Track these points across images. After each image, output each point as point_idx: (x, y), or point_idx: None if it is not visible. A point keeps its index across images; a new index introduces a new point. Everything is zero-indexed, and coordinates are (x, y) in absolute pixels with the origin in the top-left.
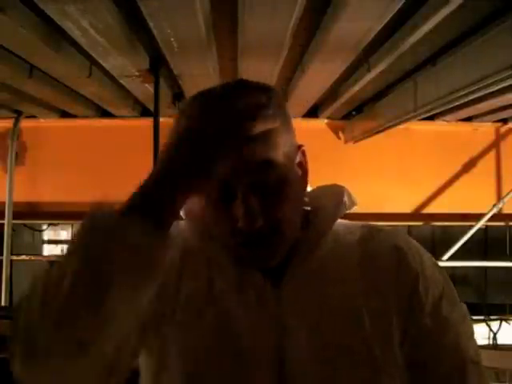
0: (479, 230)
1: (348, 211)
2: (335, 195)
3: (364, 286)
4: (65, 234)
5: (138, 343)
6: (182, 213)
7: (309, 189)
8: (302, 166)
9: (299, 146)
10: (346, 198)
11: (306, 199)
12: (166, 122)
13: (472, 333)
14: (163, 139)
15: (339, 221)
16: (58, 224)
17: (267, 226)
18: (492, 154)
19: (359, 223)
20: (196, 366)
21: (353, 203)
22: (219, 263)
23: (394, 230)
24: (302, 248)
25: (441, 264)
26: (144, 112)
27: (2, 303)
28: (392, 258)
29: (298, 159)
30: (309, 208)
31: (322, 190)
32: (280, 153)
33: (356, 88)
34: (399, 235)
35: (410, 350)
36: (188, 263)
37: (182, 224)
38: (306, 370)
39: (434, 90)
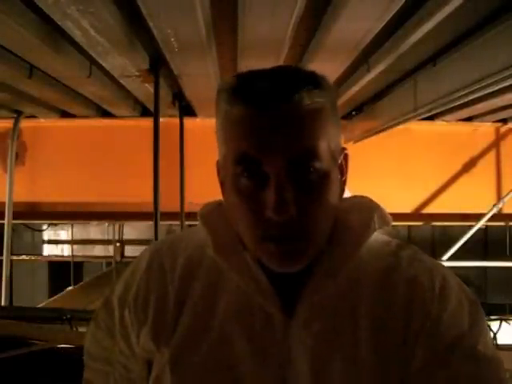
0: (479, 229)
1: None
2: (365, 213)
3: (375, 320)
4: (65, 233)
5: None
6: (198, 218)
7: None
8: (343, 170)
9: (343, 149)
10: (376, 218)
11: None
12: (166, 121)
13: None
14: (163, 139)
15: (369, 240)
16: (58, 224)
17: (299, 220)
18: (492, 154)
19: (391, 247)
20: None
21: (385, 223)
22: (229, 279)
23: (422, 256)
24: (322, 270)
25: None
26: (144, 112)
27: (2, 303)
28: (407, 290)
29: (340, 159)
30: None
31: (351, 203)
32: (326, 145)
33: (356, 88)
34: (424, 264)
35: None
36: (192, 286)
37: (192, 233)
38: None
39: (433, 90)
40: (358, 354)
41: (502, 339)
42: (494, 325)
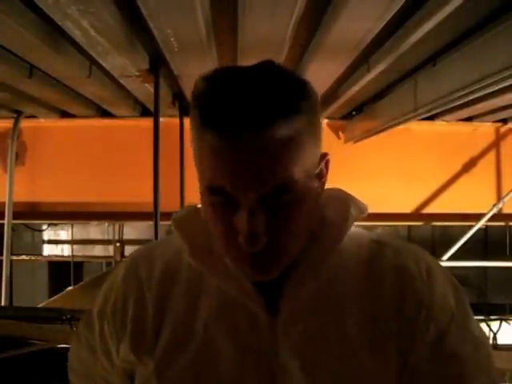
0: (479, 229)
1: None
2: (341, 206)
3: (363, 313)
4: (65, 233)
5: None
6: (171, 222)
7: None
8: (322, 176)
9: (324, 155)
10: (352, 209)
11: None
12: (166, 121)
13: (487, 366)
14: (163, 139)
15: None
16: (58, 224)
17: (272, 245)
18: (492, 154)
19: (370, 235)
20: None
21: (361, 212)
22: (209, 282)
23: (406, 245)
24: (303, 267)
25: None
26: (144, 112)
27: (2, 303)
28: (396, 280)
29: (318, 169)
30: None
31: (326, 197)
32: (303, 169)
33: (356, 88)
34: (409, 253)
35: (408, 381)
36: (172, 292)
37: (169, 239)
38: None
39: (433, 90)
40: (347, 349)
41: (502, 339)
42: (494, 325)
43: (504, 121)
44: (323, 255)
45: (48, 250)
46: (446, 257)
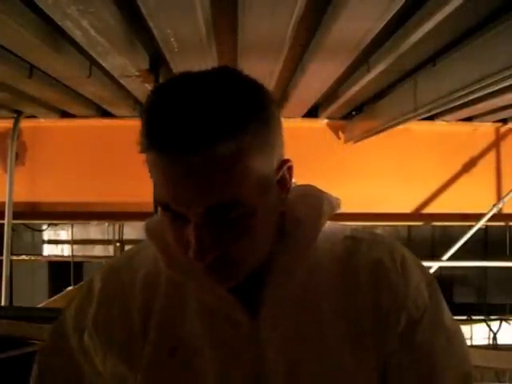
0: (479, 229)
1: (330, 218)
2: (314, 203)
3: (341, 311)
4: (65, 233)
5: None
6: (144, 231)
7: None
8: (284, 183)
9: (284, 162)
10: (325, 206)
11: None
12: None
13: (460, 359)
14: None
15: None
16: (58, 224)
17: (225, 257)
18: (492, 154)
19: (345, 231)
20: None
21: (333, 209)
22: (190, 290)
23: (381, 238)
24: (278, 269)
25: (441, 264)
26: None
27: (2, 303)
28: (371, 275)
29: (278, 176)
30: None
31: (298, 194)
32: (252, 183)
33: (356, 88)
34: (384, 246)
35: (382, 376)
36: (154, 301)
37: (146, 247)
38: None
39: (434, 90)
40: (326, 348)
41: (502, 339)
42: (494, 325)
43: (504, 121)
44: (298, 256)
45: (48, 250)
46: (445, 257)
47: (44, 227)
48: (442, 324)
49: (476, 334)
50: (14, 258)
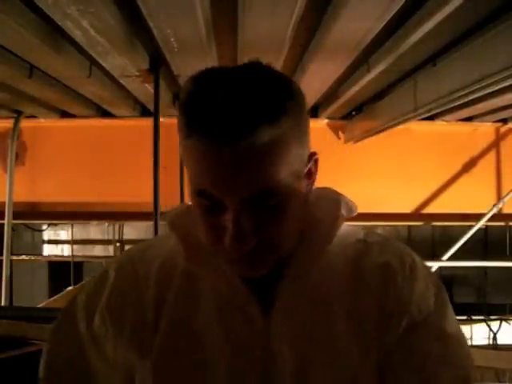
0: (479, 229)
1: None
2: (332, 206)
3: (350, 312)
4: (65, 233)
5: None
6: (167, 225)
7: None
8: (311, 175)
9: (312, 154)
10: (343, 210)
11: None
12: (166, 122)
13: (458, 366)
14: (163, 139)
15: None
16: (58, 224)
17: (259, 245)
18: (492, 154)
19: (358, 234)
20: None
21: (350, 212)
22: (205, 284)
23: (392, 242)
24: (294, 267)
25: (441, 264)
26: (144, 112)
27: (2, 303)
28: (380, 278)
29: (306, 169)
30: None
31: (317, 197)
32: (288, 172)
33: (356, 88)
34: (394, 250)
35: (381, 377)
36: (168, 292)
37: (163, 239)
38: None
39: (434, 90)
40: (336, 346)
41: (502, 339)
42: (494, 325)
43: (504, 121)
44: (314, 255)
45: (48, 250)
46: (445, 257)
47: (44, 227)
48: (443, 330)
49: (476, 334)
50: (14, 257)
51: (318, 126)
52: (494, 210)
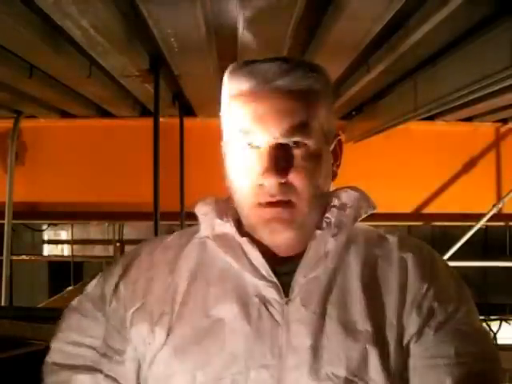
0: (479, 229)
1: (365, 215)
2: (354, 198)
3: (368, 303)
4: (65, 233)
5: None
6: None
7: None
8: (336, 155)
9: (337, 134)
10: (364, 201)
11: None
12: (166, 122)
13: (482, 359)
14: (163, 139)
15: (356, 225)
16: (58, 224)
17: (287, 187)
18: (492, 154)
19: (378, 231)
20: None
21: (371, 208)
22: (228, 268)
23: (412, 239)
24: (313, 253)
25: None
26: (144, 112)
27: (2, 303)
28: (400, 271)
29: (333, 146)
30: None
31: (341, 189)
32: (318, 125)
33: (356, 88)
34: (415, 244)
35: (403, 363)
36: (189, 272)
37: (190, 230)
38: None
39: (434, 90)
40: (352, 335)
41: (502, 339)
42: (494, 325)
43: (504, 121)
44: (335, 237)
45: (48, 250)
46: (445, 257)
47: (44, 227)
48: (469, 325)
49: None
50: (14, 257)
51: None
52: (494, 210)
